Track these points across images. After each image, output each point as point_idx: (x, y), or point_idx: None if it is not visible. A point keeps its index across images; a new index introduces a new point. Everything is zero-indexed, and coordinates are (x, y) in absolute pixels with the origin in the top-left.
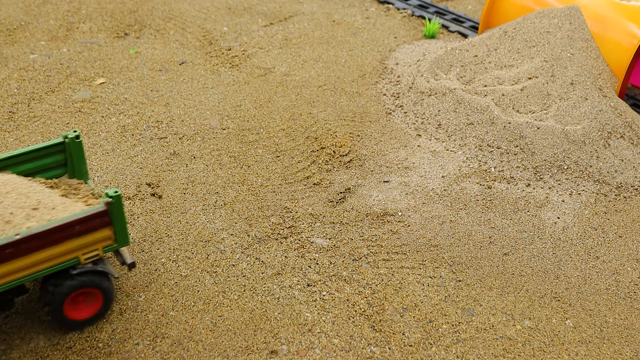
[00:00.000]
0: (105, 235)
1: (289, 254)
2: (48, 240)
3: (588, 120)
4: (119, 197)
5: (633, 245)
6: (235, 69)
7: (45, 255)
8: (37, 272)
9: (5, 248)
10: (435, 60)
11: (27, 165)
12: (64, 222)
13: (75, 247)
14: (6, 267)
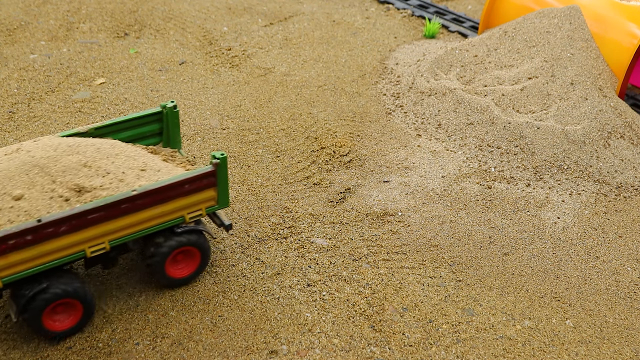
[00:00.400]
0: (210, 196)
1: (289, 254)
2: (160, 198)
3: (588, 120)
4: (225, 159)
5: (633, 245)
6: (235, 69)
7: (156, 212)
8: (147, 229)
9: (122, 203)
10: (435, 60)
11: (126, 133)
12: (175, 180)
13: (182, 206)
14: (121, 222)
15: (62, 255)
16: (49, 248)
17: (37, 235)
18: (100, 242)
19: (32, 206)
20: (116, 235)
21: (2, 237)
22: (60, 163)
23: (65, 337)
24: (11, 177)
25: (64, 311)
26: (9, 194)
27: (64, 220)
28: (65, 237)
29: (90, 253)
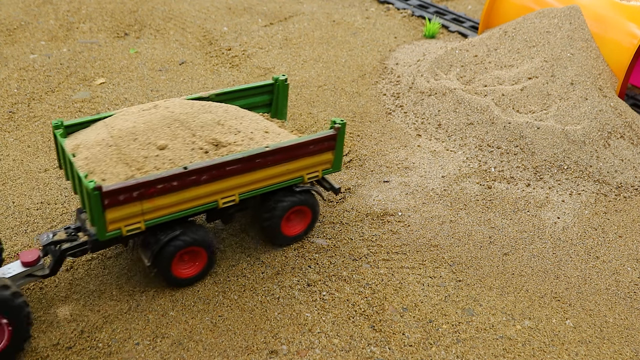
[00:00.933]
0: (327, 159)
1: (289, 254)
2: (288, 156)
3: (588, 120)
4: (344, 125)
5: (633, 245)
6: (235, 69)
7: (282, 169)
8: (272, 185)
9: (256, 157)
10: (435, 60)
11: (241, 101)
12: (302, 140)
13: (304, 166)
14: (251, 177)
15: (198, 203)
16: (189, 195)
17: (182, 182)
18: (231, 194)
19: (176, 155)
20: (246, 189)
21: (152, 181)
22: (198, 119)
23: (191, 284)
24: (154, 129)
25: (189, 259)
26: (154, 144)
27: (206, 169)
28: (205, 186)
29: (222, 204)
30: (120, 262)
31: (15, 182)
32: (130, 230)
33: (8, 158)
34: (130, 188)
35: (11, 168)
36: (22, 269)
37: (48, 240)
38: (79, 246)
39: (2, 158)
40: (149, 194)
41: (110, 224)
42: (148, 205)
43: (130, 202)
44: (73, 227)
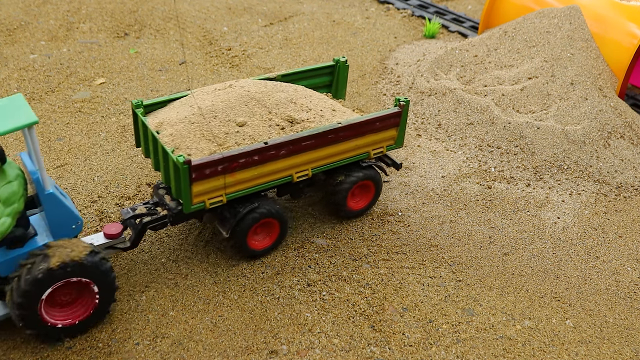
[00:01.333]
0: (391, 135)
1: (289, 254)
2: (357, 132)
3: (588, 120)
4: (408, 103)
5: (633, 245)
6: (235, 69)
7: (351, 145)
8: (341, 160)
9: (329, 133)
10: (435, 60)
11: (304, 82)
12: (371, 117)
13: (371, 142)
14: (324, 152)
15: (275, 177)
16: (268, 170)
17: (262, 157)
18: (305, 168)
19: (255, 132)
20: (318, 164)
21: (236, 156)
22: (273, 98)
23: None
24: (233, 107)
25: (262, 231)
26: (234, 121)
27: (284, 144)
28: (282, 160)
29: (297, 178)
30: (120, 263)
31: None
32: (213, 203)
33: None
34: (216, 162)
35: None
36: (104, 240)
37: (129, 214)
38: (159, 219)
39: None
40: (232, 168)
41: (196, 197)
42: (230, 179)
43: (215, 176)
44: (151, 202)
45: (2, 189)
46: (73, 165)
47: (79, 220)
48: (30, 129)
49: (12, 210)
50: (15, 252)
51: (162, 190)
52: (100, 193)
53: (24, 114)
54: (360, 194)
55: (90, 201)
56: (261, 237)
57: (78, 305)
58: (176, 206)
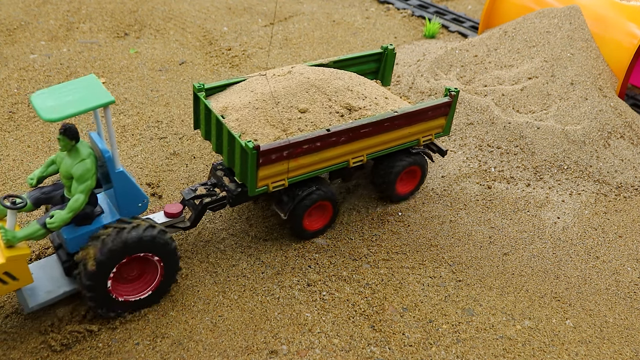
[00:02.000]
0: (440, 124)
1: (289, 254)
2: (411, 120)
3: (588, 120)
4: (458, 93)
5: (633, 245)
6: (235, 69)
7: (404, 133)
8: (394, 147)
9: (386, 121)
10: (435, 60)
11: (353, 68)
12: (424, 106)
13: (422, 129)
14: (379, 138)
15: (333, 163)
16: (327, 155)
17: (324, 143)
18: (361, 154)
19: (316, 118)
20: (372, 150)
21: (300, 142)
22: (332, 85)
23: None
24: (294, 93)
25: (316, 214)
26: (296, 107)
27: (345, 131)
28: (341, 147)
29: (353, 163)
30: None
31: (15, 182)
32: (276, 187)
33: (8, 158)
34: (282, 148)
35: (11, 168)
36: (164, 219)
37: (191, 194)
38: (219, 200)
39: (2, 158)
40: (296, 153)
41: (261, 180)
42: (293, 164)
43: (280, 161)
44: (210, 184)
45: (76, 166)
46: None
47: (145, 199)
48: (106, 108)
49: (85, 187)
50: (83, 229)
51: (220, 172)
52: None
53: (101, 93)
54: (407, 178)
55: None
56: (315, 219)
57: (141, 282)
58: (235, 188)
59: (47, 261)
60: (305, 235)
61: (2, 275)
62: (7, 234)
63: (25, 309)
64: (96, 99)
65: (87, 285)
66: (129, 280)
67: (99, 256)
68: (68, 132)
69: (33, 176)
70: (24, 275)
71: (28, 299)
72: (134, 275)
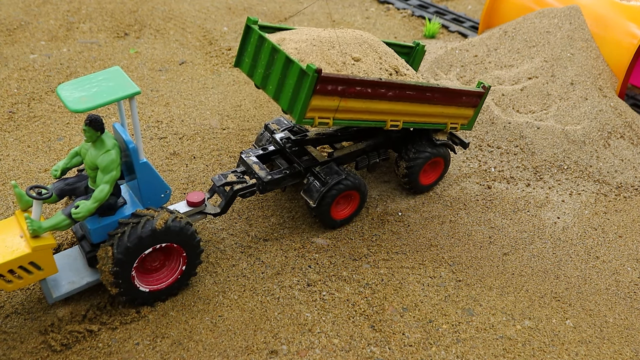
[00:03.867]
0: (467, 114)
1: (289, 254)
2: (447, 98)
3: (588, 120)
4: (489, 88)
5: (633, 245)
6: (236, 69)
7: (437, 110)
8: (427, 123)
9: (428, 90)
10: (435, 60)
11: None
12: (461, 88)
13: (451, 114)
14: (416, 108)
15: (375, 118)
16: (372, 107)
17: (374, 92)
18: (398, 119)
19: (369, 69)
20: (409, 119)
21: (356, 81)
22: (381, 47)
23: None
24: (348, 43)
25: (344, 202)
26: (350, 55)
27: (395, 86)
28: (386, 102)
29: (389, 126)
30: None
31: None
32: (322, 122)
33: (8, 158)
34: (339, 80)
35: (11, 168)
36: (188, 208)
37: (222, 181)
38: (249, 187)
39: (2, 158)
40: (349, 92)
41: (311, 110)
42: (343, 103)
43: (333, 95)
44: (240, 171)
45: (102, 157)
46: None
47: (167, 189)
48: (132, 99)
49: (110, 178)
50: (107, 219)
51: (251, 159)
52: None
53: (127, 84)
54: (430, 170)
55: None
56: (342, 208)
57: (165, 272)
58: (265, 175)
59: (70, 252)
60: (333, 224)
61: (28, 265)
62: (33, 224)
63: (48, 299)
64: (123, 90)
65: (113, 273)
66: (153, 270)
67: (126, 243)
68: (94, 123)
69: (57, 167)
70: (49, 266)
71: (52, 289)
72: (156, 266)
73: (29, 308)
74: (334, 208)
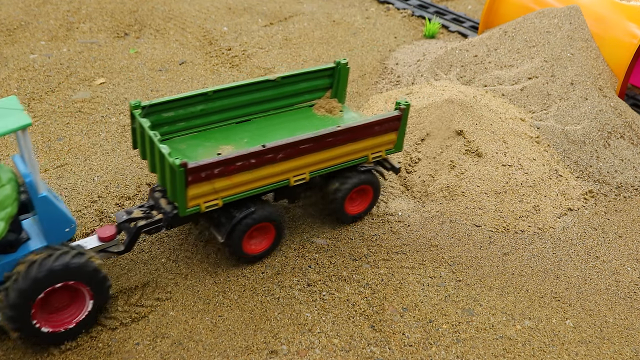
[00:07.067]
0: (390, 139)
1: (289, 254)
2: (356, 135)
3: (588, 120)
4: (408, 106)
5: (633, 245)
6: (235, 69)
7: (350, 149)
8: (339, 164)
9: (327, 137)
10: (435, 60)
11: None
12: (369, 120)
13: (370, 145)
14: (321, 155)
15: (272, 181)
16: (264, 173)
17: (259, 160)
18: (302, 172)
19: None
20: (316, 167)
21: (233, 159)
22: None
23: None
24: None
25: (259, 235)
26: None
27: (282, 147)
28: (279, 164)
29: (294, 182)
30: (120, 262)
31: None
32: (209, 207)
33: (8, 158)
34: (212, 165)
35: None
36: (97, 243)
37: (124, 217)
38: (154, 223)
39: (3, 158)
40: (230, 171)
41: (191, 200)
42: (227, 182)
43: (212, 179)
44: (147, 206)
45: None
46: (73, 165)
47: (72, 224)
48: (24, 131)
49: (5, 215)
50: (8, 257)
51: (159, 193)
52: (100, 193)
53: (17, 116)
54: (358, 197)
55: (90, 201)
56: (257, 241)
57: (71, 311)
58: (172, 210)
59: None
60: (247, 258)
61: None
62: None
63: None
64: (13, 122)
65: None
66: (56, 310)
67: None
68: None
69: None
70: None
71: None
72: (60, 306)
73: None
74: (248, 242)
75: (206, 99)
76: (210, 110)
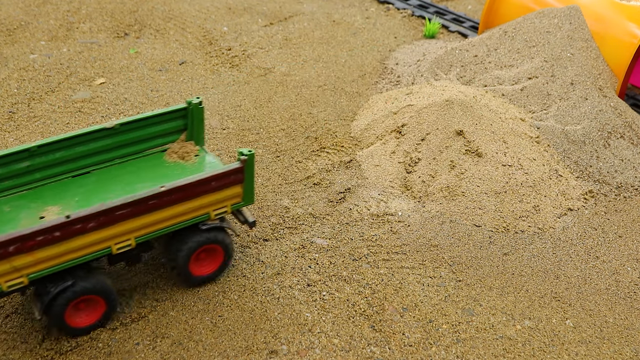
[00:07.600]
0: (236, 193)
1: (289, 254)
2: (187, 195)
3: (588, 120)
4: (252, 156)
5: (633, 245)
6: (235, 69)
7: (182, 209)
8: (173, 226)
9: (149, 200)
10: (435, 60)
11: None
12: (201, 177)
13: (208, 202)
14: (148, 219)
15: (88, 252)
16: (76, 245)
17: (65, 232)
18: (126, 238)
19: None
20: (142, 232)
21: (30, 234)
22: None
23: (88, 333)
24: None
25: (86, 307)
26: None
27: (92, 216)
28: (93, 233)
29: (116, 250)
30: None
31: None
32: (11, 287)
33: None
34: (5, 243)
35: None
36: None
37: None
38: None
39: None
40: (28, 247)
41: None
42: (29, 258)
43: (8, 257)
44: None
45: None
46: None
47: None
48: None
49: None
50: None
51: None
52: None
53: None
54: (207, 257)
55: None
56: (84, 314)
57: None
58: None
59: None
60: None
61: None
62: None
63: None
64: None
65: None
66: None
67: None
68: None
69: None
70: None
71: None
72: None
73: (29, 308)
74: (71, 316)
75: (30, 155)
76: (38, 166)
